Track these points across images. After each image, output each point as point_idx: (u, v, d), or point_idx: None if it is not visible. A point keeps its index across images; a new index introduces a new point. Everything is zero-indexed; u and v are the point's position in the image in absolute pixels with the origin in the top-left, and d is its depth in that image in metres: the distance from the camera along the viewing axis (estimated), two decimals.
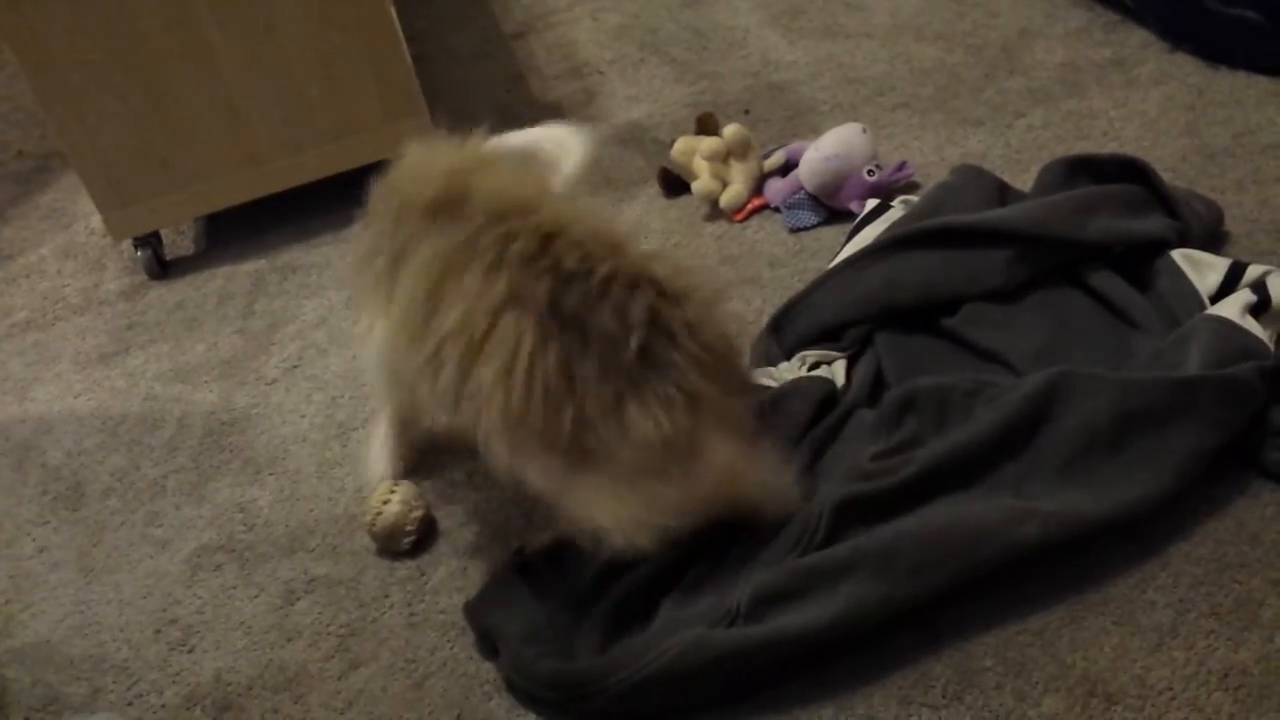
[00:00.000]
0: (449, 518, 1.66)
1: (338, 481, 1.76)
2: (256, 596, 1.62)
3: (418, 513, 1.62)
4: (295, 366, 1.99)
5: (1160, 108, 2.10)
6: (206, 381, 2.01)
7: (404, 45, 2.30)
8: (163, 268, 2.31)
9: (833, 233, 2.00)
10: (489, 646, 1.47)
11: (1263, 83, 2.08)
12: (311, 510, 1.73)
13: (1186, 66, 2.17)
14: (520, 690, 1.41)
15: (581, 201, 1.51)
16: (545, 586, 1.49)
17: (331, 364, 1.98)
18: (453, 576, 1.58)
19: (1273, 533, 1.37)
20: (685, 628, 1.35)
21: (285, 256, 2.25)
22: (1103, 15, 2.35)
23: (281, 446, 1.85)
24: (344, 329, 2.04)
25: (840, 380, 1.68)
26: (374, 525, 1.61)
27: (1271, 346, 1.50)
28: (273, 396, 1.94)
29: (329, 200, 2.28)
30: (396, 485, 1.64)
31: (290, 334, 2.07)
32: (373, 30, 2.14)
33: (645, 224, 2.13)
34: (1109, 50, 2.27)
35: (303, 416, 1.89)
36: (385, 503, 1.61)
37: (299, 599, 1.60)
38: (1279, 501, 1.41)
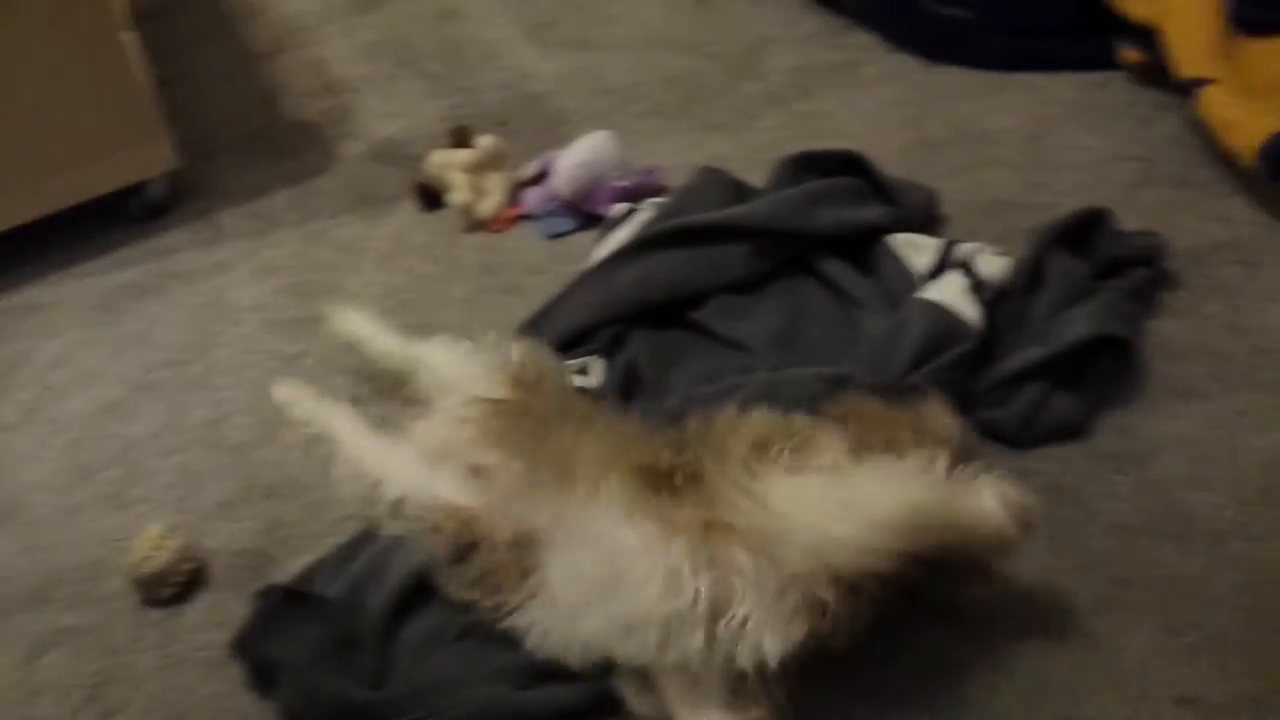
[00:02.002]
0: (200, 552, 1.62)
1: (84, 526, 1.70)
2: None
3: (188, 565, 1.57)
4: (34, 410, 1.91)
5: (884, 105, 2.23)
6: None
7: (142, 69, 2.24)
8: None
9: (589, 238, 2.05)
10: (264, 679, 1.44)
11: (976, 77, 2.24)
12: (57, 559, 1.65)
13: (907, 65, 2.31)
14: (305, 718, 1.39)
15: None
16: (320, 612, 1.47)
17: (72, 405, 1.90)
18: (209, 613, 1.54)
19: None
20: (487, 680, 1.36)
21: (21, 295, 2.15)
22: (832, 21, 2.48)
23: (22, 495, 1.76)
24: (87, 368, 1.97)
25: (599, 378, 1.73)
26: (137, 571, 1.56)
27: (981, 320, 1.62)
28: (12, 443, 1.86)
29: (68, 233, 2.20)
30: (170, 533, 1.59)
31: (28, 377, 1.98)
32: (104, 56, 2.07)
33: (405, 239, 2.13)
34: (838, 54, 2.39)
35: (43, 462, 1.82)
36: (156, 549, 1.56)
37: (46, 652, 1.53)
38: None
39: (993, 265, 1.70)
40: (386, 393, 1.75)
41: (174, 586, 1.57)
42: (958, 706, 1.30)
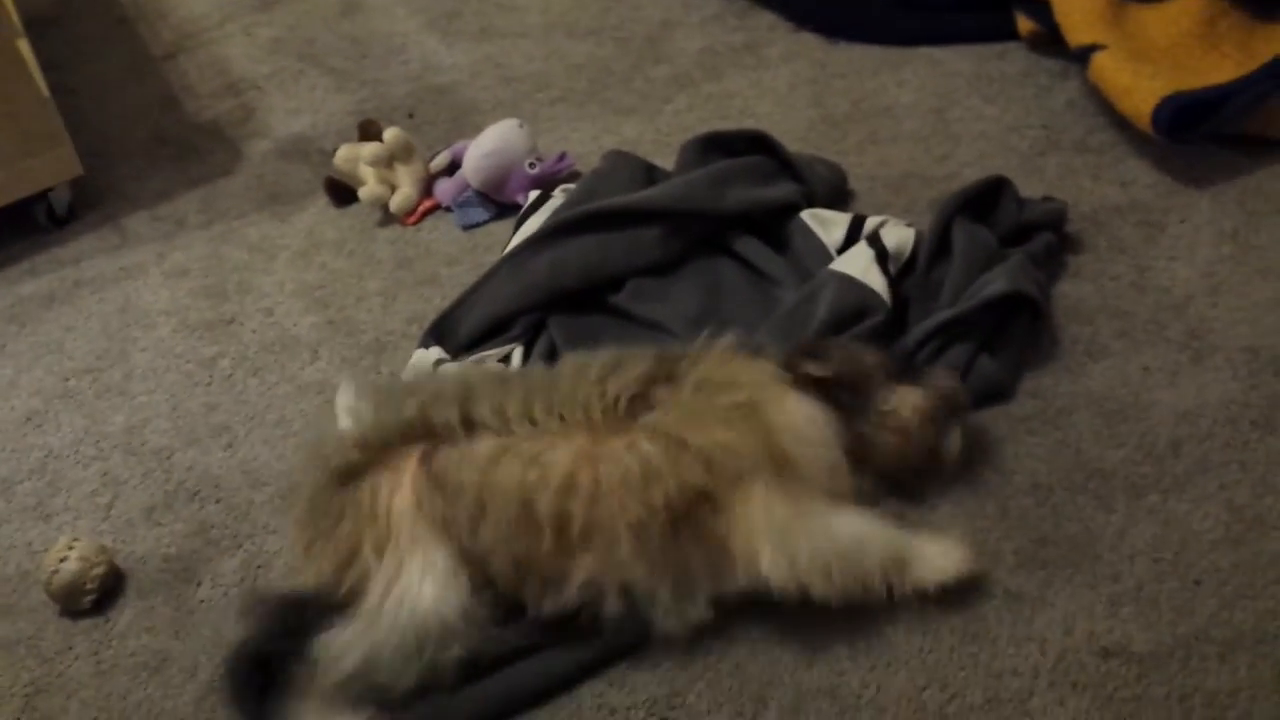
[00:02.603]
0: (127, 559, 1.60)
1: (6, 539, 1.66)
2: None
3: (99, 569, 1.55)
4: None
5: (789, 83, 2.26)
6: None
7: (39, 77, 2.19)
8: None
9: (504, 227, 2.05)
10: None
11: (875, 52, 2.28)
12: None
13: (810, 44, 2.34)
14: None
15: None
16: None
17: None
18: (138, 618, 1.53)
19: None
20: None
21: None
22: (734, 2, 2.50)
23: None
24: (1, 380, 1.93)
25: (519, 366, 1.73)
26: (51, 584, 1.53)
27: (888, 291, 1.66)
28: None
29: None
30: (75, 540, 1.56)
31: None
32: (1, 65, 2.02)
33: (318, 235, 2.11)
34: (742, 35, 2.41)
35: None
36: (62, 560, 1.53)
37: None
38: None
39: (901, 236, 1.73)
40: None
41: (91, 594, 1.54)
42: (887, 662, 1.33)
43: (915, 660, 1.33)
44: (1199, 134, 1.82)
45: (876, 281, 1.65)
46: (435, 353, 1.75)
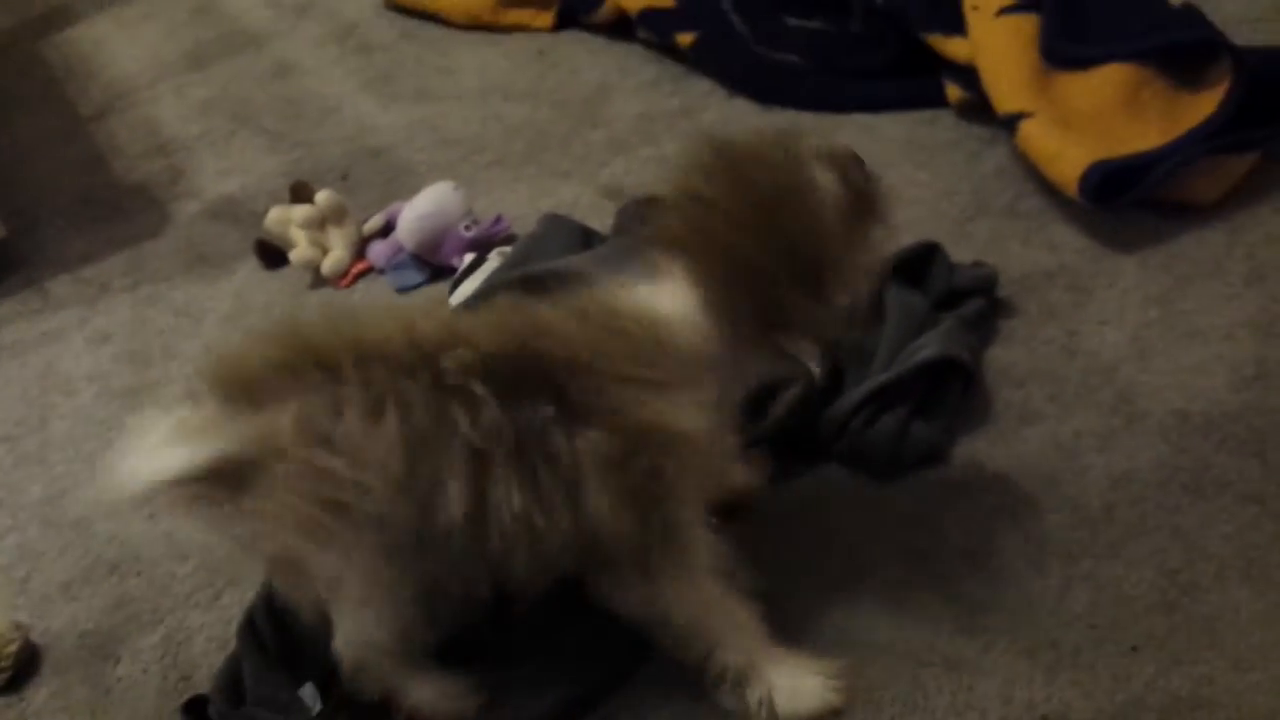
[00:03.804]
0: (44, 635, 1.54)
1: None
2: None
3: (12, 646, 1.50)
4: None
5: None
6: None
7: None
8: None
9: (438, 289, 2.03)
10: None
11: (808, 118, 2.29)
12: None
13: (744, 109, 2.36)
14: None
15: None
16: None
17: None
18: (55, 697, 1.48)
19: None
20: None
21: None
22: (670, 68, 2.52)
23: None
24: None
25: None
26: None
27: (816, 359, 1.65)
28: None
29: None
30: None
31: None
32: None
33: (247, 298, 2.08)
34: (677, 100, 2.43)
35: None
36: None
37: None
38: None
39: None
40: None
41: (5, 672, 1.49)
42: None
43: None
44: (1125, 200, 1.85)
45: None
46: None
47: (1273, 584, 1.37)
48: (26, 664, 1.51)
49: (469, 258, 2.02)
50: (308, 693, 1.34)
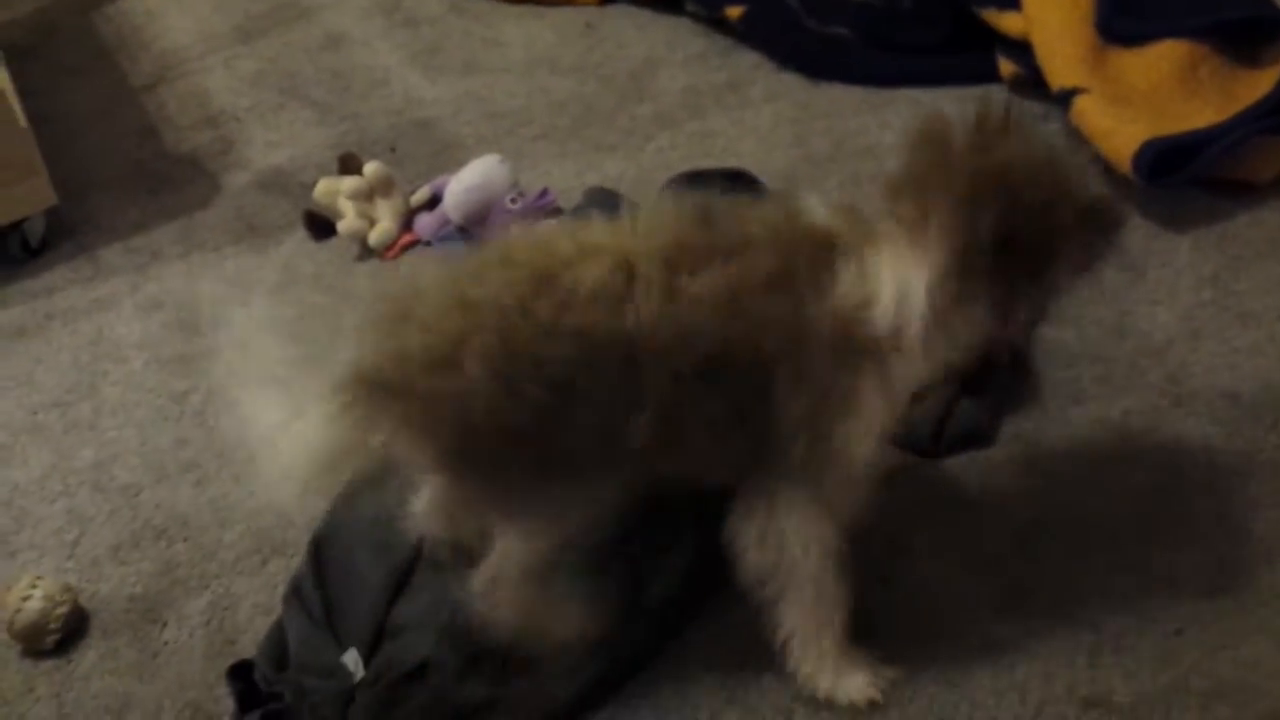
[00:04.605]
0: (92, 599, 1.57)
1: None
2: None
3: (63, 609, 1.52)
4: None
5: (771, 122, 2.25)
6: None
7: (16, 105, 2.17)
8: None
9: None
10: None
11: (857, 93, 2.27)
12: None
13: (792, 84, 2.34)
14: None
15: None
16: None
17: None
18: (102, 660, 1.50)
19: None
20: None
21: None
22: (718, 41, 2.50)
23: None
24: None
25: None
26: (13, 624, 1.50)
27: None
28: None
29: None
30: (39, 579, 1.53)
31: None
32: None
33: (295, 268, 2.10)
34: (725, 73, 2.41)
35: None
36: (25, 599, 1.50)
37: None
38: None
39: None
40: None
41: (55, 634, 1.51)
42: (865, 711, 1.31)
43: (897, 709, 1.31)
44: (1180, 178, 1.82)
45: None
46: None
47: None
48: (75, 627, 1.53)
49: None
50: (351, 659, 1.36)
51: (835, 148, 2.15)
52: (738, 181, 1.93)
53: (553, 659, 1.33)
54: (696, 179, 1.96)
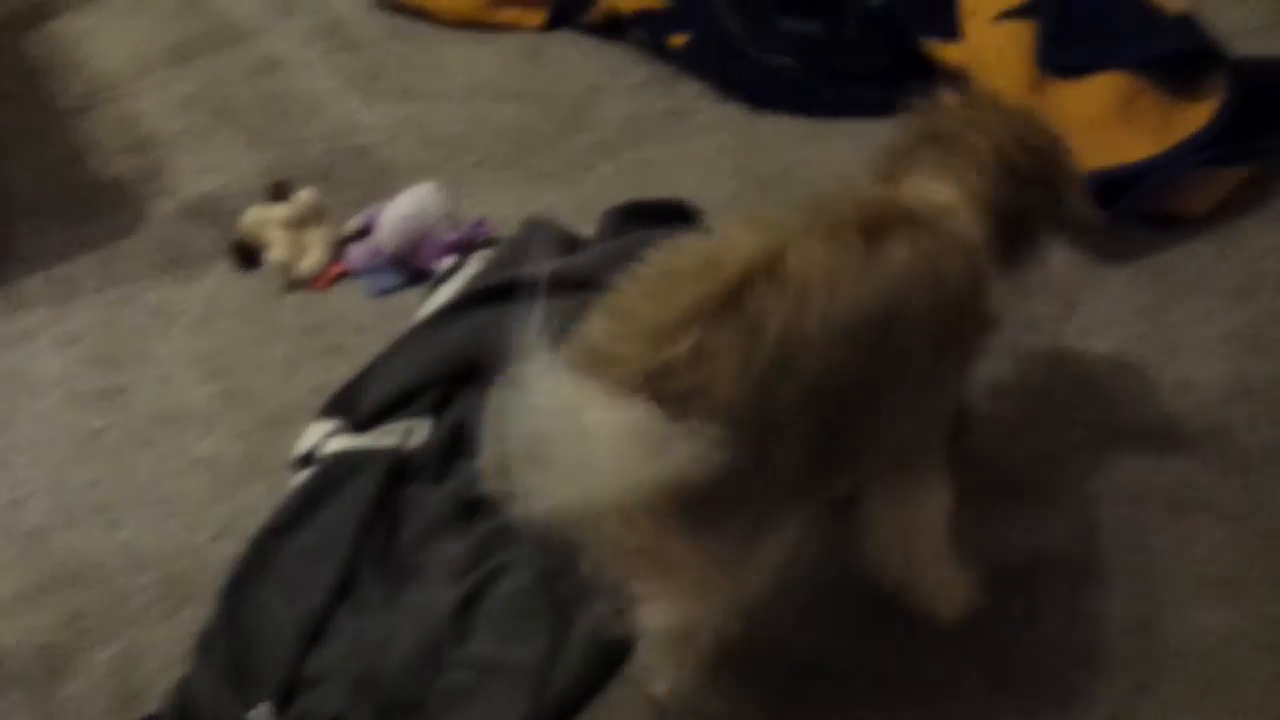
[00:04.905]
0: None
1: None
2: None
3: None
4: None
5: (713, 152, 2.22)
6: None
7: None
8: None
9: (417, 294, 1.99)
10: None
11: (800, 123, 2.25)
12: None
13: (735, 114, 2.31)
14: None
15: None
16: None
17: None
18: (4, 715, 1.43)
19: None
20: None
21: None
22: (661, 70, 2.47)
23: None
24: None
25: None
26: None
27: None
28: None
29: None
30: None
31: None
32: None
33: (220, 300, 2.04)
34: (668, 102, 2.38)
35: None
36: None
37: None
38: None
39: None
40: None
41: None
42: None
43: None
44: (1117, 210, 1.81)
45: None
46: (332, 426, 1.68)
47: (1237, 606, 1.36)
48: None
49: (448, 261, 1.98)
50: (261, 714, 1.31)
51: (778, 178, 2.13)
52: (679, 214, 1.90)
53: None
54: (635, 210, 1.93)
